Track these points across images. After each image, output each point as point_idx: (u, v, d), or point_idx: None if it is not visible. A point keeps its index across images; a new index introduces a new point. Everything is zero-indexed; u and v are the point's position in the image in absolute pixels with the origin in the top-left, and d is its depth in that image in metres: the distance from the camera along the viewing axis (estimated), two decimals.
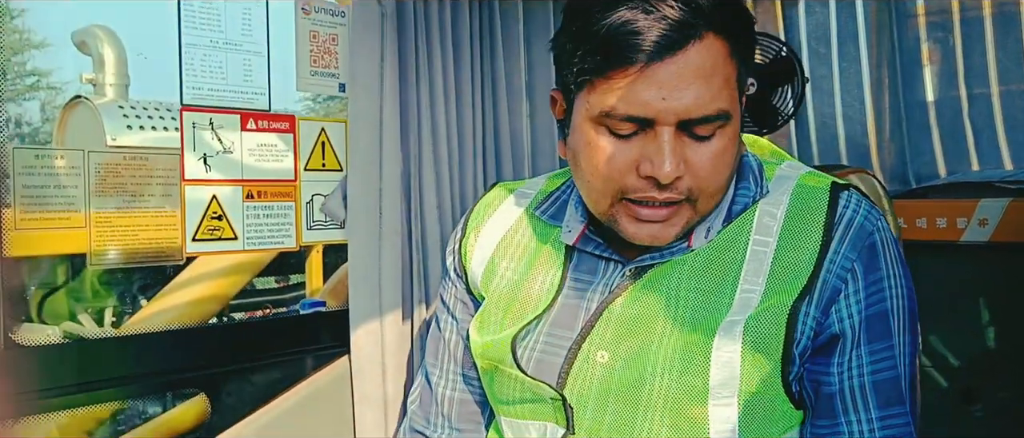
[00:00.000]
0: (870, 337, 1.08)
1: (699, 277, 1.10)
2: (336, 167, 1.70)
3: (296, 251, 1.71)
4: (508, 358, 1.16)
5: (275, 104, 1.60)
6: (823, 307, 1.07)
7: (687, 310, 1.09)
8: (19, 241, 1.36)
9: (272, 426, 1.59)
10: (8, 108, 1.30)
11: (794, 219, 1.11)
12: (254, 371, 1.60)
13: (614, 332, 1.11)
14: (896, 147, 2.35)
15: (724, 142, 1.04)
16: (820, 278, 1.07)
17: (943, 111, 2.32)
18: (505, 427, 1.22)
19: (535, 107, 1.90)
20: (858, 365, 1.08)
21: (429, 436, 1.33)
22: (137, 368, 1.49)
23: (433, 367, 1.34)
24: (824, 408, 1.10)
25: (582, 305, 1.15)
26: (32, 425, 2.01)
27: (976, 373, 1.87)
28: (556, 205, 1.24)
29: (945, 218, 1.87)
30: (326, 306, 1.73)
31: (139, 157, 1.50)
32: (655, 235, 1.08)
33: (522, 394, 1.16)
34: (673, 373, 1.06)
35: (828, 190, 1.13)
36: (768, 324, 1.06)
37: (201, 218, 1.51)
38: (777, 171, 1.18)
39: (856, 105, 2.39)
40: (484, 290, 1.25)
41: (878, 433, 1.08)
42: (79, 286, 3.11)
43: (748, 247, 1.10)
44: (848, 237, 1.08)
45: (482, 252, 1.27)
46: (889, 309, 1.08)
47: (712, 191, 1.07)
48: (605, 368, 1.10)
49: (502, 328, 1.19)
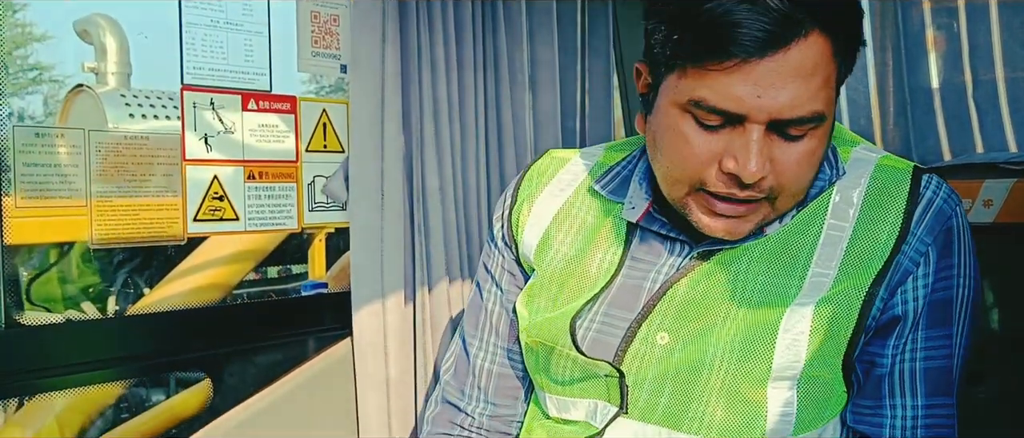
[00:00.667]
0: (929, 323, 1.06)
1: (770, 261, 1.07)
2: (338, 148, 1.69)
3: (298, 233, 1.71)
4: (565, 338, 1.13)
5: (276, 85, 1.60)
6: (891, 288, 1.05)
7: (754, 294, 1.06)
8: (19, 224, 1.35)
9: (274, 408, 1.59)
10: (11, 102, 1.30)
11: (872, 202, 1.08)
12: (256, 353, 1.60)
13: (676, 314, 1.08)
14: (900, 131, 2.34)
15: (814, 143, 1.00)
16: (895, 261, 1.05)
17: (948, 95, 2.31)
18: (549, 405, 1.20)
19: (537, 89, 1.89)
20: (912, 349, 1.07)
21: (462, 408, 1.30)
22: (139, 349, 1.49)
23: (472, 337, 1.31)
24: (871, 388, 1.08)
25: (644, 286, 1.12)
26: (35, 407, 2.02)
27: (981, 355, 1.86)
28: (617, 180, 1.20)
29: None
30: (328, 288, 1.73)
31: (140, 137, 1.49)
32: (730, 230, 1.04)
33: (573, 373, 1.14)
34: (734, 358, 1.04)
35: (910, 172, 1.10)
36: (840, 306, 1.04)
37: (202, 199, 1.51)
38: (853, 153, 1.14)
39: (861, 89, 2.38)
40: (537, 263, 1.22)
41: (921, 420, 1.07)
42: (81, 272, 3.11)
43: (823, 231, 1.07)
44: (927, 219, 1.06)
45: (537, 224, 1.23)
46: (954, 297, 1.06)
47: (794, 191, 1.03)
48: (665, 350, 1.08)
49: (557, 306, 1.16)
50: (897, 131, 2.37)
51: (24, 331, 1.34)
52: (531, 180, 1.28)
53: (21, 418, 2.08)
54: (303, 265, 3.58)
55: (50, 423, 2.08)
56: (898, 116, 2.37)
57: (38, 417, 2.08)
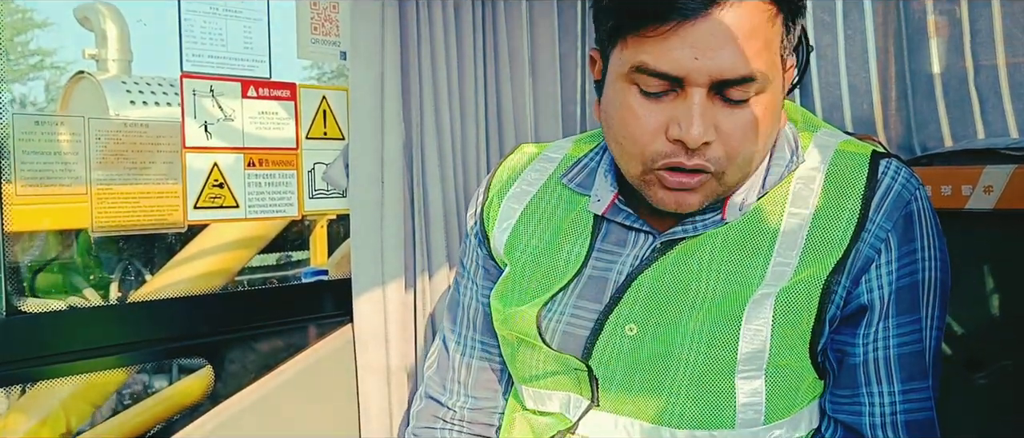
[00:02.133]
0: (899, 309, 1.06)
1: (731, 250, 1.08)
2: (338, 135, 1.69)
3: (299, 220, 1.71)
4: (533, 331, 1.13)
5: (276, 72, 1.60)
6: (854, 277, 1.05)
7: (718, 283, 1.07)
8: (19, 212, 1.36)
9: (276, 394, 1.59)
10: (12, 88, 1.30)
11: (832, 188, 1.08)
12: (257, 339, 1.61)
13: (643, 305, 1.09)
14: (901, 117, 2.33)
15: (760, 111, 1.00)
16: (855, 248, 1.05)
17: (949, 81, 2.30)
18: (525, 396, 1.21)
19: (537, 74, 1.89)
20: (884, 337, 1.07)
21: (444, 403, 1.31)
22: (140, 336, 1.49)
23: (450, 333, 1.32)
24: (846, 378, 1.09)
25: (610, 278, 1.13)
26: (37, 394, 2.02)
27: (980, 341, 1.86)
28: (584, 172, 1.21)
29: (950, 185, 1.85)
30: (328, 275, 1.73)
31: (140, 125, 1.49)
32: (679, 202, 1.05)
33: (545, 366, 1.15)
34: (702, 346, 1.05)
35: (868, 157, 1.09)
36: (800, 296, 1.04)
37: (202, 186, 1.51)
38: (814, 138, 1.14)
39: (861, 74, 2.37)
40: (508, 257, 1.22)
41: (899, 406, 1.07)
42: (82, 260, 3.11)
43: (783, 219, 1.07)
44: (885, 205, 1.05)
45: (506, 218, 1.24)
46: (920, 281, 1.06)
47: (742, 162, 1.03)
48: (633, 341, 1.08)
49: (526, 298, 1.17)
50: (898, 117, 2.36)
51: (25, 319, 1.35)
52: (502, 175, 1.29)
53: (24, 405, 2.09)
54: (304, 252, 3.58)
55: (54, 410, 2.09)
56: (899, 102, 2.36)
57: (41, 404, 2.09)
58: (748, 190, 1.10)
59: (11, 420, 2.03)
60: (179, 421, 1.51)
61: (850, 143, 1.14)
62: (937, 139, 2.31)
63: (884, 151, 1.13)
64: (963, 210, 1.82)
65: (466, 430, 1.31)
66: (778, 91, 1.04)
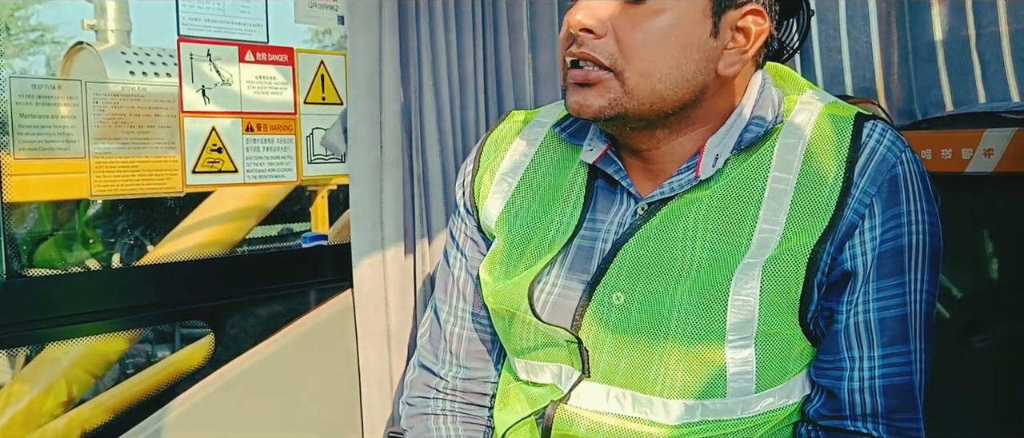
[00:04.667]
0: (880, 274, 1.06)
1: (716, 217, 1.07)
2: (336, 100, 1.69)
3: (300, 189, 1.71)
4: (524, 304, 1.14)
5: (273, 37, 1.59)
6: (838, 243, 1.05)
7: (704, 251, 1.06)
8: (18, 182, 1.36)
9: (276, 358, 1.60)
10: (12, 63, 1.30)
11: (815, 151, 1.07)
12: (257, 304, 1.61)
13: (629, 273, 1.09)
14: (903, 82, 2.33)
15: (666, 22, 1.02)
16: (841, 215, 1.04)
17: (951, 46, 2.29)
18: (518, 368, 1.21)
19: (537, 37, 1.88)
20: (864, 301, 1.06)
21: (437, 373, 1.32)
22: (141, 300, 1.50)
23: (442, 303, 1.32)
24: (830, 343, 1.09)
25: (597, 246, 1.13)
26: (42, 362, 2.03)
27: (979, 304, 1.87)
28: (577, 125, 1.21)
29: (950, 149, 1.85)
30: (328, 240, 1.73)
31: (138, 89, 1.49)
32: (580, 102, 1.06)
33: (536, 339, 1.15)
34: (690, 316, 1.05)
35: (852, 120, 1.09)
36: (787, 265, 1.04)
37: (201, 150, 1.51)
38: (799, 100, 1.13)
39: (863, 39, 2.36)
40: (498, 231, 1.23)
41: (878, 370, 1.07)
42: (82, 228, 3.12)
43: (767, 185, 1.07)
44: (869, 169, 1.05)
45: (499, 193, 1.24)
46: (905, 245, 1.06)
47: (642, 69, 1.04)
48: (621, 310, 1.08)
49: (517, 272, 1.17)
50: (900, 83, 2.35)
51: (27, 281, 1.35)
52: (492, 146, 1.29)
53: (28, 374, 2.10)
54: (305, 223, 3.58)
55: (57, 379, 2.10)
56: (901, 67, 2.35)
57: (45, 373, 2.10)
58: (721, 144, 1.09)
59: (14, 389, 2.04)
60: (181, 384, 1.52)
61: (835, 106, 1.13)
62: (939, 104, 2.30)
63: (869, 113, 1.12)
64: (963, 173, 1.82)
65: (459, 400, 1.31)
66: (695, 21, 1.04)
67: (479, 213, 1.27)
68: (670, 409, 1.07)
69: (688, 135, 1.11)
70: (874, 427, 1.09)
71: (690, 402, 1.06)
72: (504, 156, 1.26)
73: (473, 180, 1.29)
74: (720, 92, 1.10)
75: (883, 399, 1.08)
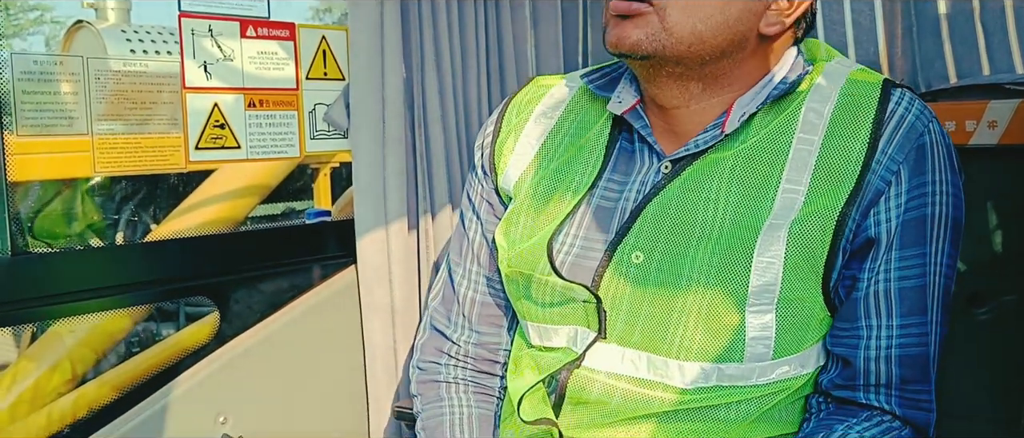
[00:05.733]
0: (903, 243, 1.05)
1: (740, 177, 1.07)
2: (338, 76, 1.69)
3: (304, 167, 1.71)
4: (543, 263, 1.13)
5: (275, 12, 1.59)
6: (863, 209, 1.04)
7: (727, 211, 1.06)
8: (21, 156, 1.36)
9: (281, 334, 1.61)
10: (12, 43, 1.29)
11: (841, 115, 1.07)
12: (262, 280, 1.61)
13: (650, 232, 1.08)
14: (907, 54, 2.32)
15: None
16: (866, 180, 1.04)
17: (955, 17, 2.28)
18: (531, 334, 1.20)
19: (539, 13, 1.87)
20: (886, 269, 1.06)
21: (449, 336, 1.31)
22: (146, 277, 1.50)
23: (456, 266, 1.31)
24: (848, 311, 1.08)
25: (618, 205, 1.13)
26: (47, 340, 2.04)
27: (982, 276, 1.86)
28: (606, 79, 1.21)
29: (954, 121, 1.84)
30: (331, 216, 1.74)
31: (139, 65, 1.49)
32: (618, 34, 1.06)
33: (552, 298, 1.14)
34: (711, 279, 1.04)
35: (879, 86, 1.08)
36: (814, 228, 1.03)
37: (203, 126, 1.51)
38: (826, 67, 1.13)
39: (866, 11, 2.35)
40: (516, 192, 1.22)
41: (895, 340, 1.07)
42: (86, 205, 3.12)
43: (792, 144, 1.07)
44: (897, 137, 1.05)
45: (523, 154, 1.23)
46: (928, 215, 1.05)
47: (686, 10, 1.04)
48: (639, 269, 1.08)
49: (534, 232, 1.16)
50: (904, 54, 2.34)
51: (31, 258, 1.36)
52: (516, 109, 1.28)
53: (34, 352, 2.11)
54: (308, 201, 3.58)
55: (63, 356, 2.11)
56: (905, 39, 2.34)
57: (51, 350, 2.11)
58: (749, 101, 1.10)
59: (21, 366, 2.05)
60: (186, 361, 1.52)
61: (863, 71, 1.13)
62: (943, 76, 2.29)
63: (897, 82, 1.12)
64: (967, 146, 1.81)
65: (470, 366, 1.31)
66: None
67: (498, 175, 1.26)
68: (685, 372, 1.07)
69: (719, 97, 1.11)
70: (887, 399, 1.09)
71: (707, 365, 1.06)
72: (529, 118, 1.26)
73: (494, 141, 1.27)
74: (756, 53, 1.10)
75: (898, 369, 1.08)
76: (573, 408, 1.13)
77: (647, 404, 1.08)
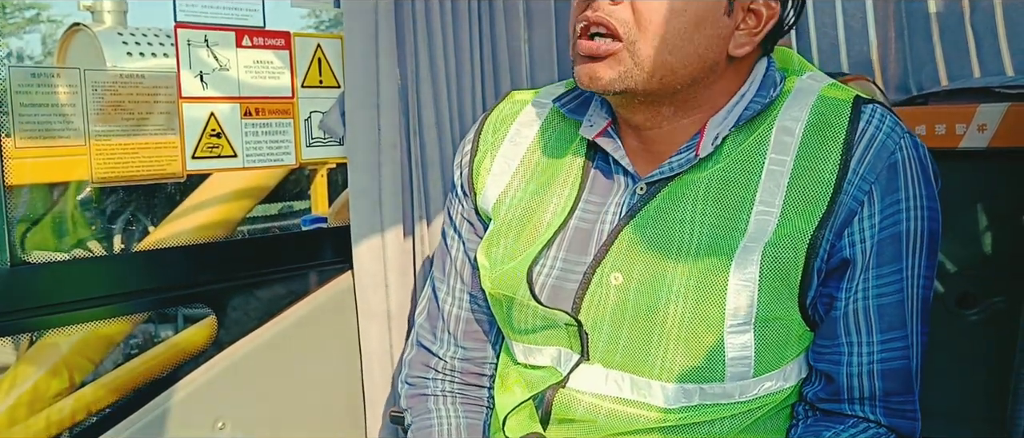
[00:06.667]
0: (879, 261, 1.06)
1: (715, 198, 1.08)
2: (333, 84, 1.70)
3: (297, 175, 1.72)
4: (523, 288, 1.14)
5: (270, 21, 1.60)
6: (837, 230, 1.05)
7: (703, 233, 1.07)
8: (19, 166, 1.37)
9: (279, 339, 1.62)
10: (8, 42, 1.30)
11: (812, 136, 1.07)
12: (258, 287, 1.63)
13: (627, 254, 1.10)
14: (898, 56, 2.33)
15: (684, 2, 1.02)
16: (838, 201, 1.04)
17: (946, 20, 2.30)
18: (516, 351, 1.22)
19: (532, 18, 1.88)
20: (864, 288, 1.07)
21: (436, 352, 1.33)
22: (144, 285, 1.52)
23: (440, 283, 1.33)
24: (828, 329, 1.10)
25: (596, 228, 1.13)
26: (46, 344, 2.05)
27: (972, 278, 1.89)
28: (578, 101, 1.21)
29: (944, 124, 1.87)
30: (327, 222, 1.75)
31: (136, 75, 1.50)
32: (589, 74, 1.06)
33: (535, 322, 1.16)
34: (689, 301, 1.05)
35: (850, 104, 1.09)
36: (787, 250, 1.04)
37: (200, 136, 1.52)
38: (798, 82, 1.13)
39: (858, 15, 2.36)
40: (495, 213, 1.23)
41: (876, 356, 1.08)
42: (83, 213, 3.13)
43: (765, 165, 1.07)
44: (868, 156, 1.05)
45: (500, 174, 1.24)
46: (903, 231, 1.06)
47: (655, 40, 1.03)
48: (619, 291, 1.09)
49: (514, 255, 1.17)
50: (895, 56, 2.36)
51: (30, 269, 1.37)
52: (492, 128, 1.29)
53: (33, 356, 2.12)
54: (305, 201, 3.60)
55: (59, 362, 2.12)
56: (897, 42, 2.36)
57: (49, 355, 2.11)
58: (721, 123, 1.10)
59: (20, 370, 2.06)
60: (184, 367, 1.54)
61: (834, 88, 1.13)
62: (934, 79, 2.31)
63: (867, 97, 1.12)
64: (957, 149, 1.83)
65: (458, 381, 1.32)
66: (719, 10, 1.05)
67: (477, 195, 1.27)
68: (668, 392, 1.08)
69: (691, 118, 1.12)
70: (871, 410, 1.11)
71: (689, 386, 1.07)
72: (504, 137, 1.26)
73: (471, 160, 1.29)
74: (726, 74, 1.11)
75: (881, 383, 1.09)
76: (559, 425, 1.15)
77: (632, 422, 1.10)
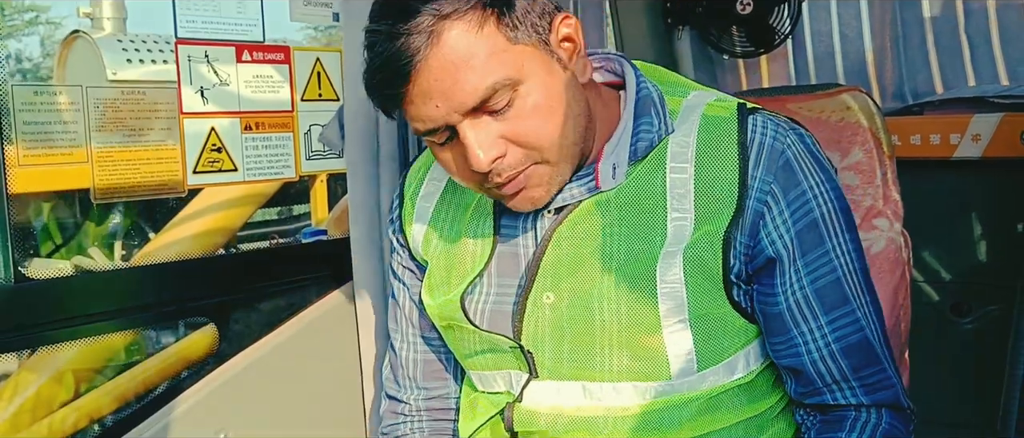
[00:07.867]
0: (804, 250, 1.09)
1: (626, 213, 1.11)
2: (332, 97, 1.71)
3: (296, 181, 1.74)
4: (459, 315, 1.18)
5: (270, 35, 1.61)
6: (749, 232, 1.08)
7: (622, 244, 1.10)
8: (22, 177, 1.38)
9: (280, 351, 1.63)
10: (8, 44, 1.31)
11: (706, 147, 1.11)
12: (260, 299, 1.64)
13: (553, 275, 1.13)
14: (894, 65, 2.35)
15: (534, 101, 1.03)
16: (744, 205, 1.08)
17: (941, 28, 2.31)
18: (475, 380, 1.26)
19: None
20: (798, 279, 1.10)
21: (400, 398, 1.36)
22: (145, 299, 1.53)
23: (395, 333, 1.37)
24: (776, 326, 1.12)
25: (520, 250, 1.17)
26: (44, 357, 2.07)
27: (966, 287, 1.90)
28: None
29: (938, 134, 1.88)
30: (327, 235, 1.76)
31: (137, 91, 1.51)
32: (531, 199, 1.09)
33: (481, 346, 1.19)
34: (622, 305, 1.09)
35: (735, 118, 1.12)
36: (705, 250, 1.07)
37: (201, 150, 1.53)
38: (684, 103, 1.16)
39: (853, 23, 2.37)
40: (426, 255, 1.27)
41: (830, 336, 1.11)
42: (86, 221, 3.15)
43: (668, 176, 1.10)
44: (762, 160, 1.09)
45: (421, 219, 1.28)
46: (818, 217, 1.09)
47: (554, 142, 1.05)
48: (553, 309, 1.13)
49: (450, 289, 1.21)
50: (890, 65, 2.37)
51: (34, 285, 1.38)
52: (411, 178, 1.33)
53: (34, 364, 2.13)
54: (305, 206, 3.60)
55: (63, 368, 2.14)
56: (892, 50, 2.37)
57: (50, 363, 2.13)
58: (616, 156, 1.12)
59: (21, 378, 2.08)
60: (185, 380, 1.55)
61: (716, 105, 1.15)
62: (929, 86, 2.32)
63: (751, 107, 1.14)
64: (951, 159, 1.84)
65: (426, 419, 1.36)
66: (547, 73, 1.05)
67: (409, 242, 1.31)
68: (620, 392, 1.11)
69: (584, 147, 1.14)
70: (851, 392, 1.12)
71: (639, 384, 1.11)
72: (422, 185, 1.30)
73: (400, 213, 1.33)
74: (598, 99, 1.14)
75: (846, 360, 1.11)
76: None
77: (593, 424, 1.13)
